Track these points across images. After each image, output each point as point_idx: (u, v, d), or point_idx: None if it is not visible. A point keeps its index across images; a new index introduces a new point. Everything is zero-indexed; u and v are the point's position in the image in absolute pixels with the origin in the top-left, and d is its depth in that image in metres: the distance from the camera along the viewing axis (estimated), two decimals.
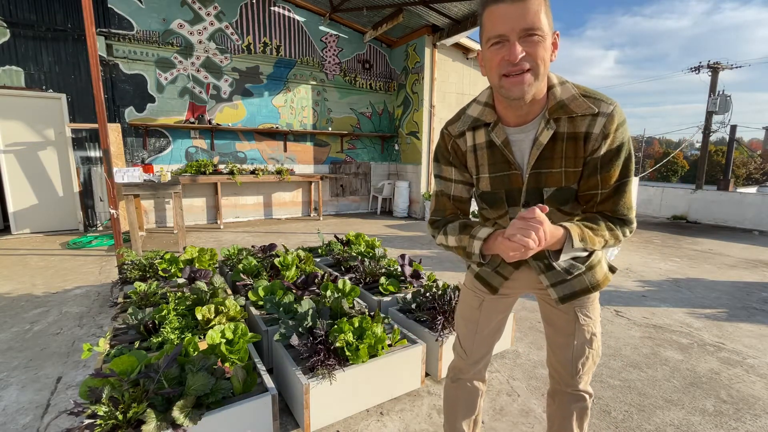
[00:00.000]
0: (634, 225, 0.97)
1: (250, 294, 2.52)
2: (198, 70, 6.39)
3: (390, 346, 1.98)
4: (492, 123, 1.00)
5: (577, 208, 1.04)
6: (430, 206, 1.21)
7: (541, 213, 0.82)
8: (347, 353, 1.78)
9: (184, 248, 3.28)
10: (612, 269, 1.15)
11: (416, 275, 2.87)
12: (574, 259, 1.04)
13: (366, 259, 3.17)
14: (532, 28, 0.81)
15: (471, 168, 1.09)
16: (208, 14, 6.36)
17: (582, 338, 1.13)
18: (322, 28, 7.42)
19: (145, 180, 4.63)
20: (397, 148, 8.38)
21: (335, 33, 7.57)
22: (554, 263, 0.95)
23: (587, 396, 1.18)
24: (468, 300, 1.27)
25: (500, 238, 0.90)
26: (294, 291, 2.48)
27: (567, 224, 0.91)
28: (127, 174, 4.53)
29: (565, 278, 1.08)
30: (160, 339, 1.89)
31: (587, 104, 0.90)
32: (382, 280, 2.77)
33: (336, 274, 3.05)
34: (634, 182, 0.94)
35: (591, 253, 1.05)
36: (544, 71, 0.87)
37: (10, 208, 5.52)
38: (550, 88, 0.94)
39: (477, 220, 1.17)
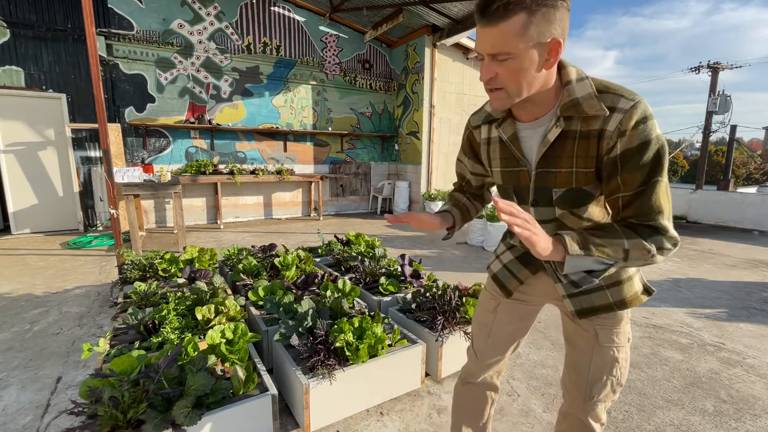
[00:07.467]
0: (672, 233, 0.83)
1: (250, 294, 2.52)
2: (198, 70, 6.39)
3: (390, 346, 1.98)
4: (500, 119, 1.02)
5: (598, 213, 0.98)
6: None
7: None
8: (347, 353, 1.78)
9: (184, 248, 3.28)
10: (648, 290, 1.03)
11: (416, 275, 2.87)
12: (589, 272, 0.88)
13: (366, 259, 3.17)
14: (498, 54, 0.81)
15: (485, 161, 1.13)
16: (208, 14, 6.36)
17: (600, 362, 1.03)
18: (322, 28, 7.41)
19: (145, 180, 4.63)
20: (397, 148, 8.38)
21: (335, 33, 7.57)
22: (560, 275, 0.88)
23: (599, 426, 1.10)
24: (484, 302, 1.26)
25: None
26: (294, 291, 2.48)
27: (565, 231, 0.85)
28: (127, 174, 4.53)
29: (583, 290, 0.98)
30: (160, 339, 1.89)
31: (600, 105, 0.84)
32: (382, 280, 2.77)
33: (336, 274, 3.05)
34: (665, 183, 0.86)
35: (608, 266, 0.87)
36: (519, 87, 0.84)
37: (10, 208, 5.52)
38: (567, 83, 0.88)
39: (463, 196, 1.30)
